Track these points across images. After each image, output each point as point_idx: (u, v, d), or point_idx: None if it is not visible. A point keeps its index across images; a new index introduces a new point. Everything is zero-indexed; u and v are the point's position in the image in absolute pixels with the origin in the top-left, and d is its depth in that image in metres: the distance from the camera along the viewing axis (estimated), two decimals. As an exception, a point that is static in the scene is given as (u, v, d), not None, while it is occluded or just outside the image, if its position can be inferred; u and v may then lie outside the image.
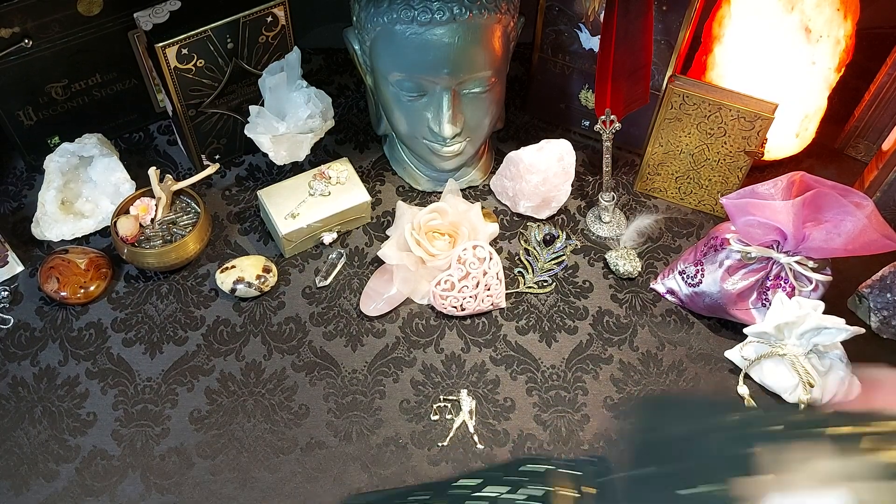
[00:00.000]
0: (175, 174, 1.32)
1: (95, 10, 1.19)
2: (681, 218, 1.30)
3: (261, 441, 1.05)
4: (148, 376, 1.10)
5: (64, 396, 1.08)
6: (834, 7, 1.16)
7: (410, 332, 1.16)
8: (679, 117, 1.20)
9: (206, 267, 1.21)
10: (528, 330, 1.16)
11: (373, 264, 1.22)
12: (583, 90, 1.33)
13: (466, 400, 1.09)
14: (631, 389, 1.11)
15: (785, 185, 1.04)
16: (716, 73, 1.25)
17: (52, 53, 1.20)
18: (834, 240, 1.02)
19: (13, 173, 1.32)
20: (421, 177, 1.30)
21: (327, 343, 1.14)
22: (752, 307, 1.12)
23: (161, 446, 1.05)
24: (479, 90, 1.15)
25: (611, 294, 1.20)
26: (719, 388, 1.11)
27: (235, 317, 1.16)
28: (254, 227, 1.26)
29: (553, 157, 1.22)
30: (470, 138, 1.21)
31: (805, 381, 1.05)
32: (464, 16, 1.07)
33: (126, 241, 1.16)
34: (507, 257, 1.24)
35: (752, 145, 1.19)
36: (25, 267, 1.20)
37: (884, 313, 1.15)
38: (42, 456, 1.03)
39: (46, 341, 1.13)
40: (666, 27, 1.19)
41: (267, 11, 1.19)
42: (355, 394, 1.10)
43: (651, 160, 1.27)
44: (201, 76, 1.20)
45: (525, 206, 1.27)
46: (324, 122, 1.23)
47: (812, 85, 1.22)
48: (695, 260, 1.15)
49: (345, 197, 1.22)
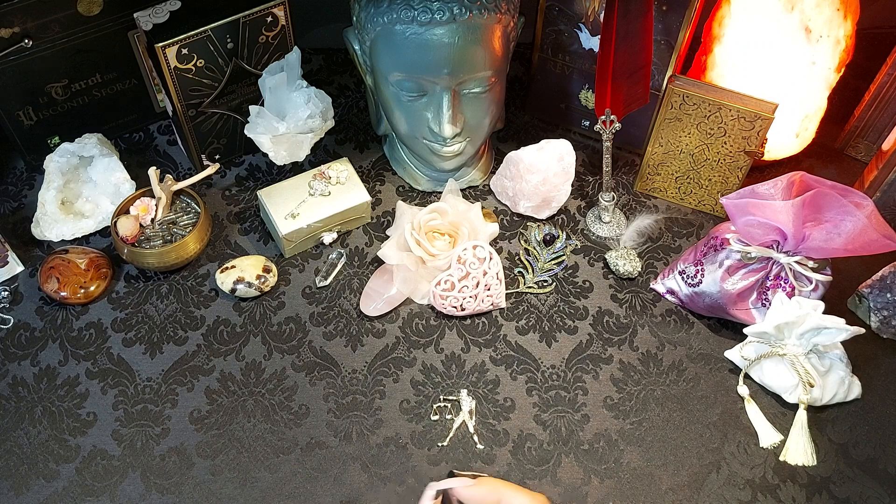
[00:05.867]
0: (175, 174, 1.32)
1: (95, 10, 1.19)
2: (681, 218, 1.30)
3: (261, 441, 1.05)
4: (148, 376, 1.10)
5: (64, 396, 1.08)
6: (834, 7, 1.16)
7: (410, 332, 1.16)
8: (679, 117, 1.20)
9: (206, 267, 1.21)
10: (528, 330, 1.16)
11: (373, 264, 1.22)
12: (583, 90, 1.33)
13: (466, 400, 1.09)
14: (631, 389, 1.11)
15: (785, 185, 1.04)
16: (716, 73, 1.25)
17: (52, 53, 1.20)
18: (834, 240, 1.02)
19: (13, 173, 1.32)
20: (421, 177, 1.30)
21: (327, 343, 1.14)
22: (752, 307, 1.12)
23: (161, 446, 1.05)
24: (479, 90, 1.15)
25: (611, 294, 1.20)
26: (719, 387, 1.11)
27: (235, 317, 1.16)
28: (254, 227, 1.26)
29: (553, 157, 1.22)
30: (470, 138, 1.21)
31: (805, 381, 1.05)
32: (464, 16, 1.07)
33: (126, 241, 1.16)
34: (507, 257, 1.24)
35: (752, 145, 1.19)
36: (25, 267, 1.20)
37: (884, 313, 1.15)
38: (42, 456, 1.03)
39: (46, 341, 1.13)
40: (666, 27, 1.19)
41: (267, 11, 1.19)
42: (355, 394, 1.10)
43: (651, 160, 1.27)
44: (201, 76, 1.20)
45: (525, 206, 1.27)
46: (324, 122, 1.23)
47: (812, 85, 1.22)
48: (695, 260, 1.15)
49: (345, 197, 1.22)
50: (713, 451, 1.06)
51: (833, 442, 1.07)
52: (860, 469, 1.05)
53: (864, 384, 1.10)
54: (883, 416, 1.09)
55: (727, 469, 1.04)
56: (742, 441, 1.07)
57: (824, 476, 1.04)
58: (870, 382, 1.11)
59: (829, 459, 1.05)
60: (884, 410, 1.10)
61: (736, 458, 1.05)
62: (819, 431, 1.07)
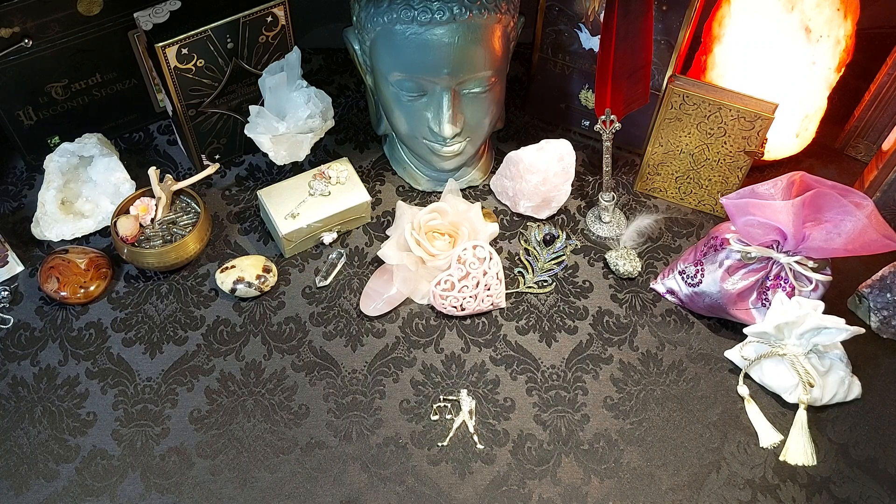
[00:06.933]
0: (175, 174, 1.32)
1: (95, 10, 1.19)
2: (681, 218, 1.30)
3: (261, 441, 1.05)
4: (148, 376, 1.10)
5: (64, 396, 1.08)
6: (834, 7, 1.16)
7: (410, 332, 1.16)
8: (679, 117, 1.20)
9: (206, 267, 1.21)
10: (528, 330, 1.16)
11: (373, 264, 1.22)
12: (583, 90, 1.33)
13: (466, 400, 1.09)
14: (631, 389, 1.11)
15: (785, 185, 1.04)
16: (716, 73, 1.25)
17: (52, 53, 1.20)
18: (834, 240, 1.02)
19: (13, 173, 1.32)
20: (421, 177, 1.30)
21: (327, 343, 1.14)
22: (752, 307, 1.12)
23: (161, 446, 1.05)
24: (479, 90, 1.15)
25: (611, 294, 1.20)
26: (719, 387, 1.11)
27: (235, 317, 1.16)
28: (254, 227, 1.26)
29: (553, 157, 1.22)
30: (470, 138, 1.21)
31: (805, 381, 1.05)
32: (464, 16, 1.07)
33: (126, 240, 1.16)
34: (507, 257, 1.24)
35: (752, 145, 1.19)
36: (25, 267, 1.20)
37: (884, 313, 1.15)
38: (42, 456, 1.03)
39: (46, 341, 1.13)
40: (666, 27, 1.19)
41: (267, 11, 1.19)
42: (355, 394, 1.10)
43: (651, 160, 1.27)
44: (201, 76, 1.20)
45: (525, 206, 1.27)
46: (324, 122, 1.23)
47: (812, 85, 1.22)
48: (695, 260, 1.15)
49: (345, 197, 1.22)
50: (713, 451, 1.06)
51: (833, 442, 1.07)
52: (860, 469, 1.05)
53: (864, 384, 1.10)
54: (883, 416, 1.09)
55: (727, 469, 1.04)
56: (742, 441, 1.07)
57: (824, 476, 1.04)
58: (870, 382, 1.11)
59: (829, 459, 1.05)
60: (884, 410, 1.10)
61: (736, 458, 1.05)
62: (819, 431, 1.07)
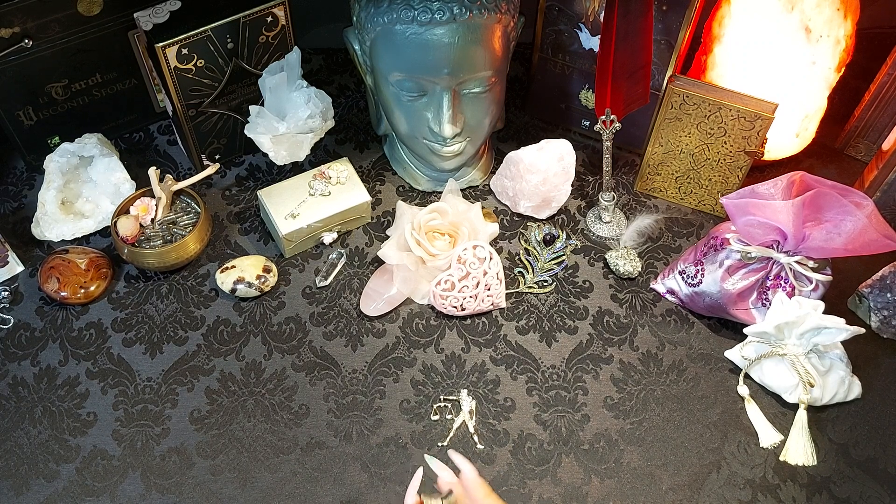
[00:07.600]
0: (175, 174, 1.32)
1: (95, 10, 1.19)
2: (681, 218, 1.30)
3: (261, 441, 1.05)
4: (148, 376, 1.10)
5: (64, 396, 1.08)
6: (834, 7, 1.16)
7: (410, 332, 1.16)
8: (679, 117, 1.20)
9: (206, 267, 1.21)
10: (528, 330, 1.16)
11: (373, 264, 1.22)
12: (583, 90, 1.33)
13: (466, 400, 1.09)
14: (631, 389, 1.11)
15: (785, 185, 1.04)
16: (716, 73, 1.25)
17: (52, 53, 1.20)
18: (834, 240, 1.02)
19: (13, 173, 1.32)
20: (421, 177, 1.30)
21: (327, 343, 1.14)
22: (752, 307, 1.12)
23: (161, 446, 1.05)
24: (479, 90, 1.15)
25: (611, 294, 1.20)
26: (719, 387, 1.11)
27: (235, 317, 1.16)
28: (254, 227, 1.26)
29: (553, 157, 1.22)
30: (470, 138, 1.21)
31: (805, 381, 1.05)
32: (464, 16, 1.07)
33: (126, 241, 1.16)
34: (507, 257, 1.24)
35: (752, 145, 1.19)
36: (25, 267, 1.20)
37: (884, 313, 1.15)
38: (42, 456, 1.03)
39: (46, 341, 1.13)
40: (666, 27, 1.19)
41: (267, 11, 1.19)
42: (355, 394, 1.10)
43: (651, 160, 1.27)
44: (201, 76, 1.20)
45: (525, 206, 1.27)
46: (324, 122, 1.23)
47: (812, 85, 1.22)
48: (695, 260, 1.15)
49: (345, 197, 1.22)
50: (713, 451, 1.06)
51: (833, 442, 1.07)
52: (860, 469, 1.05)
53: (864, 384, 1.10)
54: (883, 416, 1.09)
55: (727, 469, 1.04)
56: (742, 441, 1.07)
57: (824, 476, 1.04)
58: (870, 382, 1.11)
59: (829, 459, 1.05)
60: (884, 410, 1.10)
61: (736, 458, 1.05)
62: (819, 431, 1.07)
